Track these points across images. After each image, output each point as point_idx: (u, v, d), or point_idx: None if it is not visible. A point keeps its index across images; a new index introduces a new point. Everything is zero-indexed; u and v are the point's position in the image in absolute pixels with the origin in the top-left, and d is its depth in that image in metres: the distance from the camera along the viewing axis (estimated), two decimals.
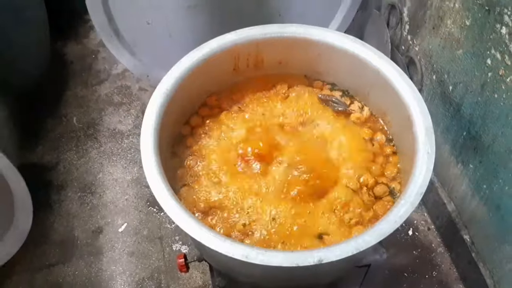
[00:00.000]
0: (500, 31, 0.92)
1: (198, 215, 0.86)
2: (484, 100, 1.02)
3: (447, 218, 1.28)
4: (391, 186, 0.89)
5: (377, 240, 0.72)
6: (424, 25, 1.20)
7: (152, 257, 1.34)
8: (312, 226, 0.84)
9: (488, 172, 1.07)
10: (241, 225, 0.84)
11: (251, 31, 0.98)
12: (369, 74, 0.94)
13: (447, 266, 1.30)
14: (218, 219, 0.86)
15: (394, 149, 0.93)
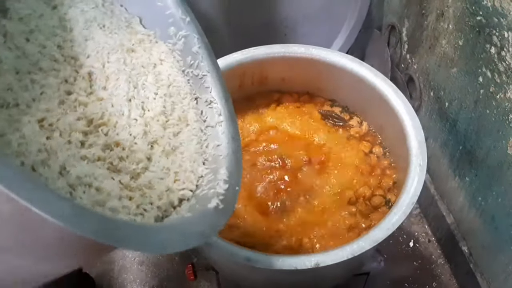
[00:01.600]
0: (489, 50, 0.97)
1: None
2: (477, 116, 1.07)
3: (446, 230, 1.32)
4: (387, 197, 0.94)
5: (370, 246, 0.77)
6: (422, 44, 1.26)
7: (162, 266, 1.40)
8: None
9: (482, 185, 1.11)
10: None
11: (256, 51, 1.05)
12: (366, 91, 1.00)
13: (447, 277, 1.33)
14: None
15: (390, 162, 0.99)
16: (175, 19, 0.67)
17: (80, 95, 0.52)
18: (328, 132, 1.02)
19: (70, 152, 0.46)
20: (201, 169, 0.60)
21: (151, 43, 0.66)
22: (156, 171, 0.54)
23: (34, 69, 0.50)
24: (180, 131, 0.62)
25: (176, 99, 0.64)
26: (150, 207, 0.50)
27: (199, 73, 0.67)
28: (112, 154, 0.50)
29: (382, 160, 0.99)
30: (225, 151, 0.63)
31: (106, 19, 0.62)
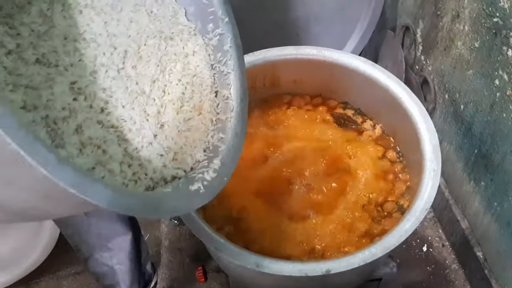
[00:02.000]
0: (506, 53, 0.95)
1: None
2: (493, 119, 1.05)
3: (461, 235, 1.30)
4: (400, 203, 0.92)
5: (383, 253, 0.76)
6: (436, 46, 1.24)
7: (173, 267, 1.39)
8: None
9: (498, 190, 1.09)
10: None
11: (268, 53, 1.04)
12: (379, 93, 0.98)
13: (461, 282, 1.31)
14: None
15: (403, 166, 0.97)
16: (215, 17, 0.73)
17: (111, 68, 0.58)
18: (341, 136, 1.01)
19: (88, 115, 0.52)
20: (199, 155, 0.65)
21: (190, 35, 0.72)
22: (158, 148, 0.59)
23: (79, 39, 0.56)
24: (192, 117, 0.67)
25: (196, 89, 0.69)
26: (144, 177, 0.55)
27: (225, 69, 0.73)
28: (124, 125, 0.56)
29: (395, 164, 0.98)
30: (226, 144, 0.68)
31: (155, 6, 0.68)
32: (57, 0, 0.56)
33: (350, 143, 1.00)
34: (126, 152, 0.55)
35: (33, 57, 0.50)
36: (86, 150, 0.49)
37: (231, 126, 0.70)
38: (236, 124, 0.70)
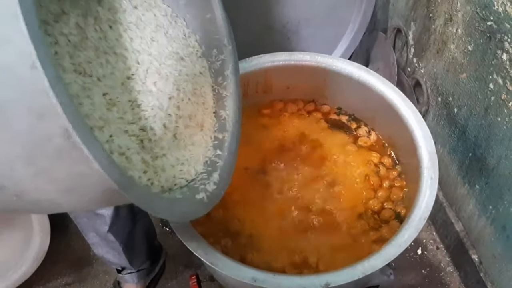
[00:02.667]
0: (501, 57, 0.94)
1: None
2: (487, 123, 1.04)
3: (455, 237, 1.29)
4: (397, 210, 0.91)
5: (383, 264, 0.75)
6: (429, 48, 1.23)
7: (166, 276, 1.37)
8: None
9: (493, 194, 1.08)
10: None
11: (260, 59, 1.02)
12: (374, 99, 0.97)
13: (456, 285, 1.31)
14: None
15: (399, 173, 0.96)
16: (220, 44, 0.80)
17: (137, 83, 0.63)
18: (335, 143, 0.99)
19: (119, 125, 0.57)
20: (200, 168, 0.72)
21: (197, 57, 0.78)
22: (170, 159, 0.66)
23: (110, 52, 0.60)
24: (195, 133, 0.73)
25: (200, 108, 0.76)
26: (157, 184, 0.61)
27: (224, 92, 0.80)
28: (144, 135, 0.61)
29: (391, 171, 0.97)
30: (222, 160, 0.75)
31: (170, 28, 0.74)
32: (90, 13, 0.59)
33: (345, 149, 0.99)
34: (144, 160, 0.60)
35: (71, 66, 0.53)
36: (113, 156, 0.54)
37: (227, 145, 0.76)
38: (231, 143, 0.77)
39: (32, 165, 0.43)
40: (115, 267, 1.21)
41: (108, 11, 0.63)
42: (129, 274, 1.22)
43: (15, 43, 0.38)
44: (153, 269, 1.29)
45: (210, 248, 0.77)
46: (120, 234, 1.08)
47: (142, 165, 0.59)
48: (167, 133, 0.66)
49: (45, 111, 0.39)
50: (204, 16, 0.79)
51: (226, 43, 0.80)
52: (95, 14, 0.61)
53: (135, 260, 1.19)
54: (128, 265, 1.18)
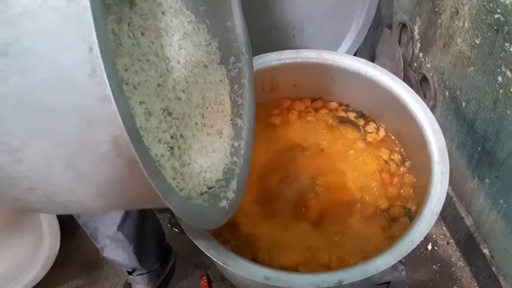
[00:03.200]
0: (509, 49, 0.94)
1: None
2: (497, 117, 1.03)
3: (466, 232, 1.29)
4: (407, 207, 0.91)
5: (395, 260, 0.74)
6: (435, 43, 1.23)
7: (176, 277, 1.37)
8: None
9: (504, 187, 1.08)
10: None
11: (266, 57, 1.02)
12: (382, 95, 0.96)
13: (467, 280, 1.30)
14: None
15: (409, 169, 0.95)
16: (238, 52, 0.81)
17: (168, 91, 0.64)
18: (345, 140, 0.99)
19: (155, 135, 0.58)
20: (220, 175, 0.74)
21: (216, 64, 0.79)
22: (196, 167, 0.67)
23: (143, 59, 0.60)
24: (215, 141, 0.75)
25: (220, 115, 0.78)
26: (184, 190, 0.62)
27: (240, 100, 0.81)
28: (175, 142, 0.62)
29: (401, 167, 0.96)
30: (239, 168, 0.77)
31: (195, 35, 0.75)
32: (123, 19, 0.60)
33: (355, 146, 0.98)
34: (173, 167, 0.61)
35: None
36: None
37: (242, 153, 0.78)
38: (246, 150, 0.78)
39: (72, 168, 0.44)
40: (126, 269, 1.21)
41: (140, 18, 0.64)
42: (140, 275, 1.22)
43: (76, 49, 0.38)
44: (163, 270, 1.29)
45: (221, 248, 0.77)
46: (130, 233, 1.08)
47: (172, 172, 0.60)
48: (195, 141, 0.68)
49: (98, 118, 0.40)
50: (224, 23, 0.79)
51: (244, 52, 0.81)
52: (128, 20, 0.61)
53: (146, 260, 1.19)
54: (138, 266, 1.18)
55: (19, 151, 0.43)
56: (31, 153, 0.44)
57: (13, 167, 0.45)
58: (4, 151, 0.44)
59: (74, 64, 0.39)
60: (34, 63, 0.40)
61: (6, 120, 0.42)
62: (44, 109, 0.41)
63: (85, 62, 0.38)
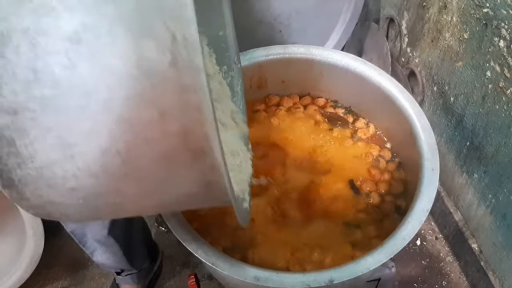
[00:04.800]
0: (498, 44, 0.93)
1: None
2: (485, 111, 1.03)
3: (454, 227, 1.29)
4: (397, 203, 0.90)
5: (387, 258, 0.74)
6: (423, 37, 1.22)
7: (163, 276, 1.35)
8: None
9: (493, 182, 1.08)
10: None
11: (254, 53, 1.00)
12: (371, 91, 0.96)
13: (456, 275, 1.30)
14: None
15: (398, 165, 0.95)
16: (230, 62, 0.84)
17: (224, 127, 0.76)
18: (333, 137, 0.98)
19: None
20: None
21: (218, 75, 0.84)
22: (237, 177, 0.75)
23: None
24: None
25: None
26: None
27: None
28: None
29: (390, 163, 0.95)
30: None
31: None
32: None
33: (344, 143, 0.97)
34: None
35: None
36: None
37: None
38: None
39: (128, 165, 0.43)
40: (114, 270, 1.19)
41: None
42: (129, 275, 1.20)
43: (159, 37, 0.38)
44: (152, 269, 1.28)
45: (210, 248, 0.75)
46: (119, 235, 1.06)
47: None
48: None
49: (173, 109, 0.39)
50: (216, 33, 0.81)
51: (236, 61, 0.83)
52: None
53: (136, 260, 1.17)
54: (128, 267, 1.16)
55: (74, 146, 0.42)
56: (86, 148, 0.42)
57: (62, 165, 0.43)
58: (58, 147, 0.42)
59: (155, 52, 0.37)
60: (106, 49, 0.38)
61: (68, 112, 0.40)
62: (112, 99, 0.39)
63: (167, 50, 0.37)
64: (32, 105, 0.41)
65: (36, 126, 0.42)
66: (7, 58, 0.41)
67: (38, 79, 0.40)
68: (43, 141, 0.42)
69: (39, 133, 0.42)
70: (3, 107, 0.41)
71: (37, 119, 0.41)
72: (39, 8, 0.40)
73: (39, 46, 0.40)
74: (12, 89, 0.41)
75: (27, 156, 0.43)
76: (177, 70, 0.38)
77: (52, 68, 0.40)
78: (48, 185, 0.45)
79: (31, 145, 0.42)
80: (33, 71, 0.40)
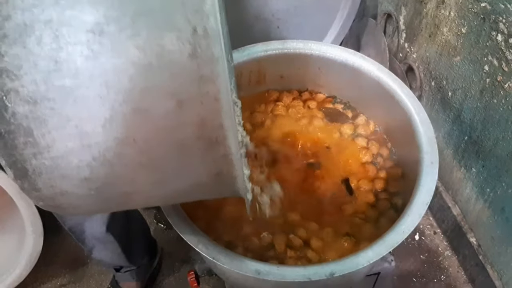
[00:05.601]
0: (496, 38, 0.94)
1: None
2: (483, 106, 1.04)
3: (452, 221, 1.29)
4: (393, 201, 0.90)
5: (387, 251, 0.74)
6: (421, 33, 1.22)
7: (163, 273, 1.35)
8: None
9: (491, 176, 1.08)
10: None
11: (252, 49, 1.00)
12: (369, 86, 0.95)
13: (455, 269, 1.31)
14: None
15: (396, 160, 0.94)
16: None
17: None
18: (332, 133, 0.98)
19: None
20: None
21: None
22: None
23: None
24: None
25: None
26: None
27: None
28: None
29: (388, 159, 0.95)
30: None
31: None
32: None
33: (343, 139, 0.97)
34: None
35: None
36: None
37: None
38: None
39: (145, 155, 0.44)
40: (113, 267, 1.19)
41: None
42: (129, 271, 1.20)
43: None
44: (151, 265, 1.28)
45: (211, 243, 0.75)
46: (117, 232, 1.06)
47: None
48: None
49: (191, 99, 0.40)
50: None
51: (230, 59, 0.80)
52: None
53: (134, 257, 1.17)
54: (127, 263, 1.17)
55: (92, 135, 0.42)
56: (104, 138, 0.43)
57: (78, 155, 0.44)
58: (76, 137, 0.42)
59: (175, 44, 0.39)
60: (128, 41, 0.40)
61: (87, 102, 0.41)
62: (132, 90, 0.40)
63: (187, 42, 0.38)
64: (52, 95, 0.42)
65: (55, 116, 0.42)
66: (28, 48, 0.41)
67: (59, 69, 0.41)
68: (62, 130, 0.43)
69: (57, 123, 0.43)
70: (22, 97, 0.42)
71: (56, 108, 0.42)
72: (63, 0, 0.41)
73: (61, 37, 0.41)
74: (33, 79, 0.42)
75: (44, 145, 0.44)
76: (197, 60, 0.39)
77: (74, 59, 0.41)
78: (62, 176, 0.46)
79: (49, 134, 0.43)
80: (54, 61, 0.41)
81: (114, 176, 0.46)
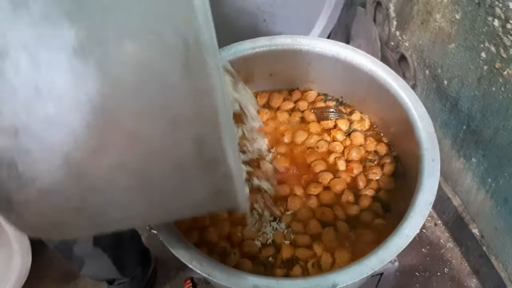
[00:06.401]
0: (492, 23, 0.89)
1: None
2: (481, 94, 1.00)
3: (453, 212, 1.26)
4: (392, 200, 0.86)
5: (391, 257, 0.70)
6: (412, 20, 1.18)
7: (159, 281, 1.31)
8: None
9: (492, 166, 1.05)
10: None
11: (239, 46, 0.95)
12: (363, 80, 0.91)
13: (458, 261, 1.28)
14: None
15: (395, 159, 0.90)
16: None
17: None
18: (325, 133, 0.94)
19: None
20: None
21: None
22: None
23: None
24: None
25: None
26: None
27: None
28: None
29: (386, 158, 0.91)
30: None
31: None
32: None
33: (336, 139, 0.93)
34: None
35: None
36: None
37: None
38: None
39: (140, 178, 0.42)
40: (105, 281, 1.15)
41: None
42: (122, 284, 1.16)
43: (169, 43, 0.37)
44: (145, 275, 1.23)
45: (205, 258, 0.71)
46: (107, 245, 1.02)
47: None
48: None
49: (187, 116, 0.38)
50: None
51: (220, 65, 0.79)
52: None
53: (127, 268, 1.13)
54: (119, 276, 1.12)
55: (81, 164, 0.39)
56: (93, 166, 0.40)
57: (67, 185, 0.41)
58: (63, 166, 0.39)
59: (166, 58, 0.36)
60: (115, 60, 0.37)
61: (74, 130, 0.38)
62: (122, 112, 0.38)
63: (179, 55, 0.36)
64: (34, 124, 0.38)
65: (39, 147, 0.39)
66: (5, 76, 0.37)
67: (40, 96, 0.37)
68: (47, 161, 0.39)
69: (42, 154, 0.39)
70: (2, 128, 0.38)
71: (40, 138, 0.38)
72: (39, 21, 0.37)
73: (40, 61, 0.37)
74: (13, 108, 0.38)
75: (29, 178, 0.40)
76: (190, 74, 0.36)
77: (55, 84, 0.37)
78: (50, 206, 0.43)
79: (34, 165, 0.39)
80: (34, 88, 0.37)
81: (106, 203, 0.43)
